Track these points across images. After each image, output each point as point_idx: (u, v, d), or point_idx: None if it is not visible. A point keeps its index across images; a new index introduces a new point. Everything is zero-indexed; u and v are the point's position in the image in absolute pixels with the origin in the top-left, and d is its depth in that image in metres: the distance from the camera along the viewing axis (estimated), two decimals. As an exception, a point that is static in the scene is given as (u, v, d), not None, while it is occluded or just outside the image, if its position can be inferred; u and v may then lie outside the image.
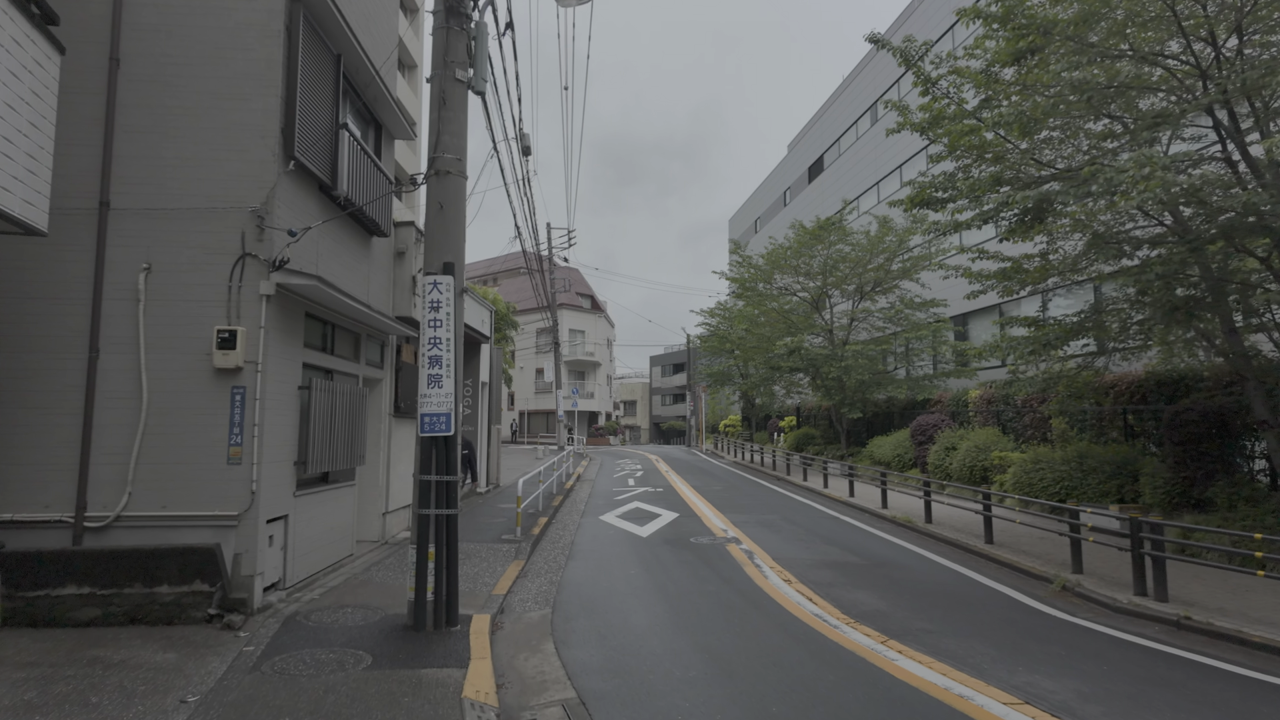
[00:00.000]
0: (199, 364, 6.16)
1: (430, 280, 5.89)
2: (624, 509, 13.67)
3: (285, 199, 6.51)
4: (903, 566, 8.64)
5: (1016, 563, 8.72)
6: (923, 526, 11.40)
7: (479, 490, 15.59)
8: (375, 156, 8.62)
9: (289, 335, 6.71)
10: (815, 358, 21.04)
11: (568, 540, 10.37)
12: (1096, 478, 11.56)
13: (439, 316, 5.87)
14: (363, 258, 8.64)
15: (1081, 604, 7.12)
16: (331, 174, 7.28)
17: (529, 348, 48.48)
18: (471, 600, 6.85)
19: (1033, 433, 15.43)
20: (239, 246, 6.29)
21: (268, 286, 6.25)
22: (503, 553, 9.15)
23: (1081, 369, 11.71)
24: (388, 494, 9.56)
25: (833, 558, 9.05)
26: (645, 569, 8.37)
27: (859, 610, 6.59)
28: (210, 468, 6.09)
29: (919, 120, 11.00)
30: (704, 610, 6.56)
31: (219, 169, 6.36)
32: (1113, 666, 5.21)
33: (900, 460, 18.69)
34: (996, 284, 11.82)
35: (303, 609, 6.29)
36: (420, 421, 5.79)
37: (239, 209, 6.32)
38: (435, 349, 5.84)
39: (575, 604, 6.88)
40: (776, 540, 10.24)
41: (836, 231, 22.41)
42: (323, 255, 7.38)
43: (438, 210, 6.07)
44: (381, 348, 9.61)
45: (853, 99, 34.96)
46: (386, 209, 8.98)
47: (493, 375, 16.86)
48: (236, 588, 5.99)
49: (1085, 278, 11.05)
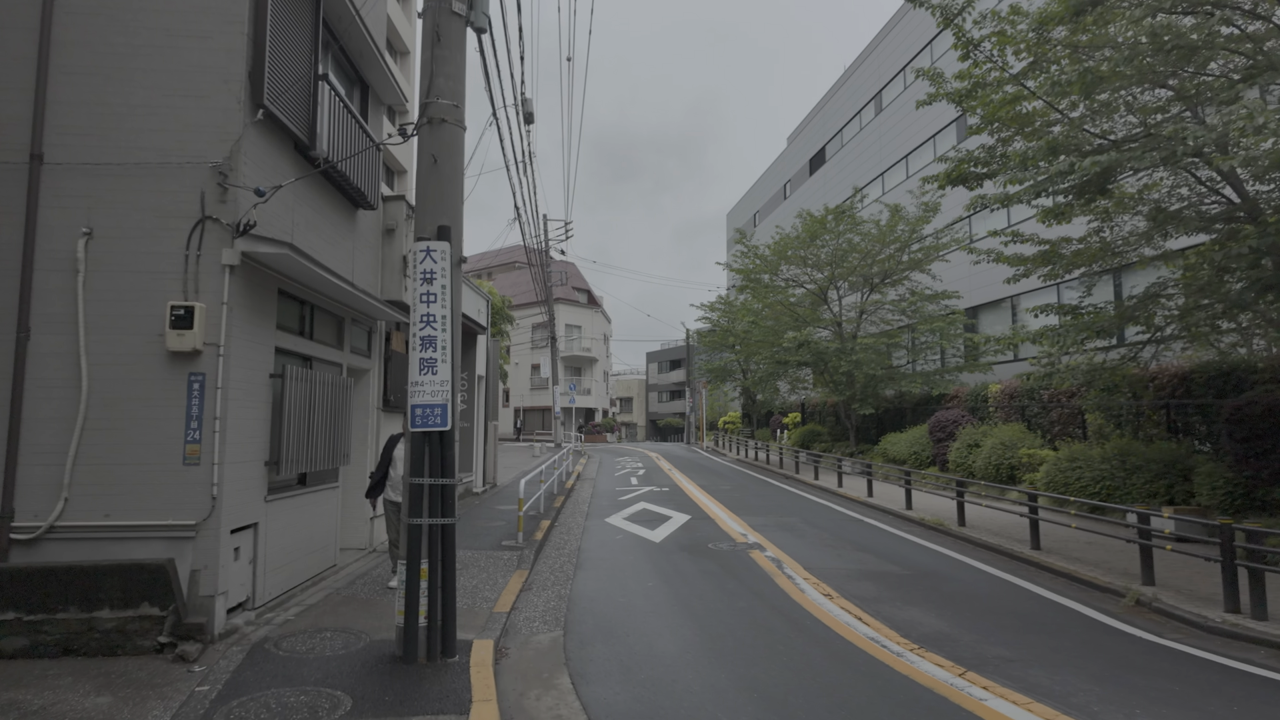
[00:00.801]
0: (150, 347, 5.23)
1: (422, 247, 4.97)
2: (631, 510, 12.78)
3: (253, 155, 5.58)
4: (949, 577, 7.78)
5: (1073, 572, 7.87)
6: (956, 530, 10.56)
7: (475, 491, 14.67)
8: (361, 119, 7.68)
9: (258, 315, 5.78)
10: (824, 351, 20.18)
11: (574, 546, 9.48)
12: (1141, 477, 10.74)
13: (432, 290, 4.95)
14: (346, 232, 7.71)
15: (1164, 622, 6.27)
16: (309, 131, 6.34)
17: (524, 343, 47.53)
18: (470, 619, 5.95)
19: (1060, 429, 14.61)
20: (198, 209, 5.35)
21: (231, 255, 5.32)
22: (504, 561, 8.25)
23: (1124, 359, 10.91)
24: (376, 496, 8.62)
25: (869, 567, 8.19)
26: (664, 580, 7.48)
27: (919, 632, 5.71)
28: (163, 469, 5.16)
29: (954, 90, 10.13)
30: (740, 633, 5.67)
31: (174, 118, 5.42)
32: (1243, 707, 4.35)
33: (917, 458, 17.86)
34: (1033, 268, 11.02)
35: (274, 634, 5.37)
36: (410, 414, 4.88)
37: (198, 165, 5.38)
38: (428, 328, 4.93)
39: (590, 624, 5.99)
40: (802, 546, 9.37)
41: (846, 220, 21.54)
42: (299, 225, 6.44)
43: (431, 165, 5.15)
44: (369, 334, 8.68)
45: (855, 89, 34.12)
46: (374, 179, 8.04)
47: (490, 369, 15.93)
48: (193, 610, 5.06)
49: (1138, 258, 10.23)
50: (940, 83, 10.35)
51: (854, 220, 21.58)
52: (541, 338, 45.04)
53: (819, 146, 38.33)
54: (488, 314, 15.30)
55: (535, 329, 47.36)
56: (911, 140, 28.05)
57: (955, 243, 21.25)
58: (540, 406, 47.48)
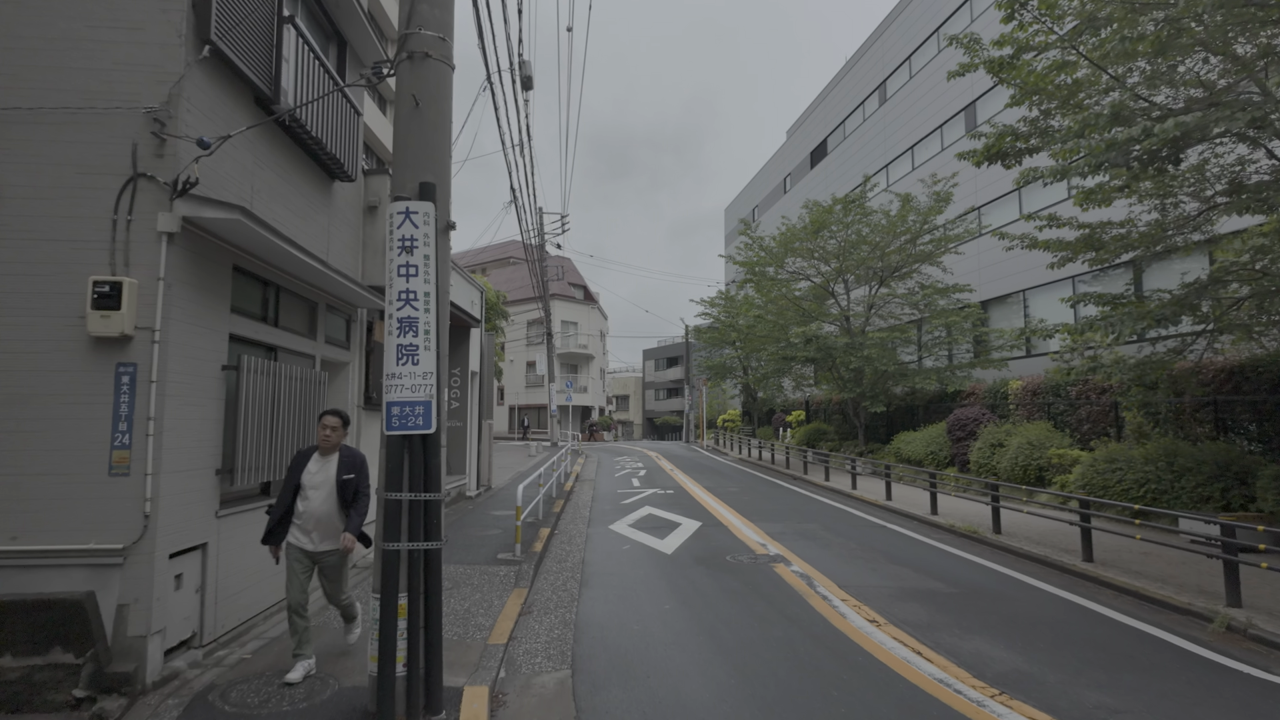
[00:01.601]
0: (68, 332, 4.29)
1: (400, 208, 4.04)
2: (636, 516, 11.88)
3: (199, 102, 4.64)
4: (1003, 596, 6.90)
5: (1141, 589, 7.00)
6: (992, 538, 9.69)
7: (469, 494, 13.73)
8: (336, 76, 6.72)
9: (207, 295, 4.84)
10: (833, 347, 19.29)
11: (577, 558, 8.56)
12: (1192, 479, 9.89)
13: (413, 260, 4.02)
14: (320, 205, 6.77)
15: (1268, 653, 5.40)
16: (271, 81, 5.39)
17: (520, 339, 46.57)
18: (461, 654, 5.04)
19: (1090, 427, 13.76)
20: (128, 164, 4.41)
21: (169, 221, 4.38)
22: (500, 578, 7.33)
23: (1172, 352, 10.06)
24: (356, 505, 7.69)
25: (911, 584, 7.30)
26: (682, 601, 6.58)
27: (994, 671, 4.83)
28: (85, 481, 4.22)
29: (992, 59, 9.24)
30: (782, 673, 4.77)
31: (100, 54, 4.48)
32: None
33: (934, 458, 17.00)
34: (1072, 254, 10.17)
35: (223, 679, 4.45)
36: (386, 413, 3.96)
37: (129, 110, 4.44)
38: (407, 307, 4.00)
39: (602, 660, 5.08)
40: (830, 559, 8.48)
41: (856, 210, 20.66)
42: (260, 193, 5.50)
43: (412, 110, 4.22)
44: (347, 323, 7.74)
45: (858, 80, 33.27)
46: (353, 148, 7.10)
47: (484, 364, 14.99)
48: (119, 655, 4.13)
49: (1184, 242, 9.38)
50: (976, 50, 9.47)
51: (864, 210, 20.71)
52: (537, 334, 44.10)
53: (820, 139, 37.47)
54: (481, 306, 14.36)
55: (530, 325, 46.41)
56: (918, 130, 27.22)
57: (968, 234, 20.43)
58: (536, 405, 46.52)
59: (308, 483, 4.56)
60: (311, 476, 4.57)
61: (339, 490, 4.57)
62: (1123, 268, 15.88)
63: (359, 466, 4.68)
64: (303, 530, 4.58)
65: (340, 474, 4.60)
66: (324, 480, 4.57)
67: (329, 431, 4.63)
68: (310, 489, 4.56)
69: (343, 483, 4.58)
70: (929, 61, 26.51)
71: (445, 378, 4.23)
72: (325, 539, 4.60)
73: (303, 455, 4.68)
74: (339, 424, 4.68)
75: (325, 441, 4.63)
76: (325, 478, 4.57)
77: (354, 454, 4.72)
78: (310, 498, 4.55)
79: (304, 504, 4.55)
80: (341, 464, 4.64)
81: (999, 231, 11.20)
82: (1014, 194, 20.89)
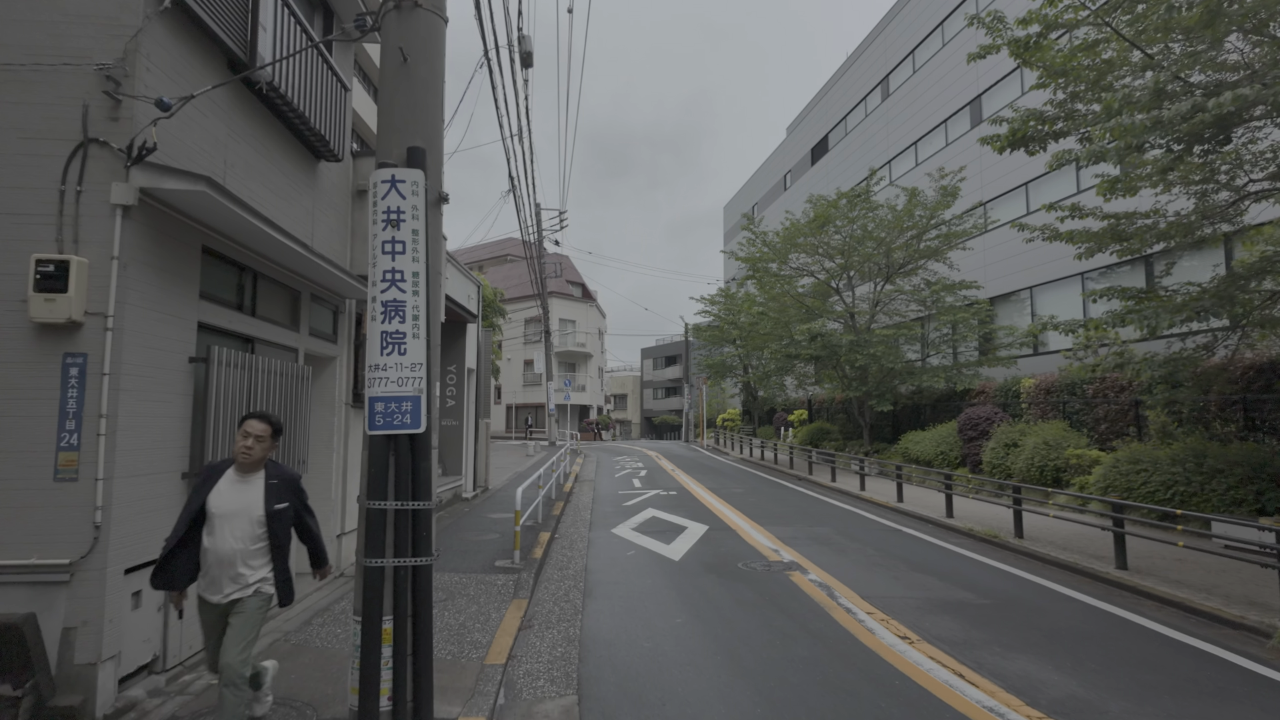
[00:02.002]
0: (8, 318, 3.79)
1: (385, 176, 3.54)
2: (639, 519, 11.39)
3: (160, 59, 4.13)
4: (1039, 608, 6.43)
5: (1186, 600, 6.52)
6: (1014, 543, 9.22)
7: (465, 496, 13.23)
8: (322, 47, 6.21)
9: (171, 278, 4.34)
10: (838, 345, 18.81)
11: (579, 565, 8.07)
12: (1223, 482, 9.43)
13: (399, 236, 3.53)
14: (304, 187, 6.26)
15: (1340, 674, 4.94)
16: (244, 43, 4.89)
17: (517, 337, 46.05)
18: (456, 677, 4.55)
19: (1108, 427, 13.31)
20: (78, 129, 3.90)
21: (124, 193, 3.88)
22: (498, 588, 6.84)
23: (1202, 348, 9.61)
24: (344, 510, 7.20)
25: (938, 594, 6.82)
26: (695, 615, 6.09)
27: (1047, 697, 4.35)
28: (24, 487, 3.72)
29: (1016, 38, 8.77)
30: (813, 701, 4.29)
31: (47, 3, 3.97)
32: None
33: (945, 458, 16.53)
34: (1096, 246, 9.70)
35: (186, 710, 3.95)
36: (369, 410, 3.45)
37: (79, 68, 3.94)
38: (393, 289, 3.50)
39: (611, 683, 4.59)
40: (849, 566, 8.00)
41: (862, 204, 20.19)
42: (234, 168, 5.00)
43: (399, 66, 3.72)
44: (335, 315, 7.23)
45: (860, 75, 32.82)
46: (340, 125, 6.60)
47: (480, 361, 14.48)
48: (65, 686, 3.63)
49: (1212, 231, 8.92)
50: (999, 30, 8.99)
51: (870, 204, 20.24)
52: (534, 332, 43.61)
53: (822, 135, 37.03)
54: (478, 301, 13.85)
55: (528, 323, 45.90)
56: (921, 126, 26.78)
57: (976, 229, 19.98)
58: (533, 403, 46.02)
59: (216, 509, 3.37)
60: (221, 502, 3.39)
61: (268, 523, 3.43)
62: (1128, 266, 15.50)
63: (294, 490, 3.57)
64: (206, 576, 3.40)
65: (269, 503, 3.44)
66: (241, 509, 3.40)
67: (251, 442, 3.44)
68: (219, 519, 3.36)
69: (273, 515, 3.44)
70: (933, 55, 26.09)
71: (437, 371, 3.74)
72: (237, 584, 3.39)
73: (212, 471, 3.47)
74: (267, 432, 3.50)
75: (245, 456, 3.43)
76: (243, 505, 3.40)
77: (285, 474, 3.57)
78: (218, 531, 3.35)
79: (209, 539, 3.36)
80: (270, 489, 3.47)
81: (1018, 223, 10.73)
82: (1020, 189, 20.48)
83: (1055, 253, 17.60)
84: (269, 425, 3.52)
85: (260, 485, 3.48)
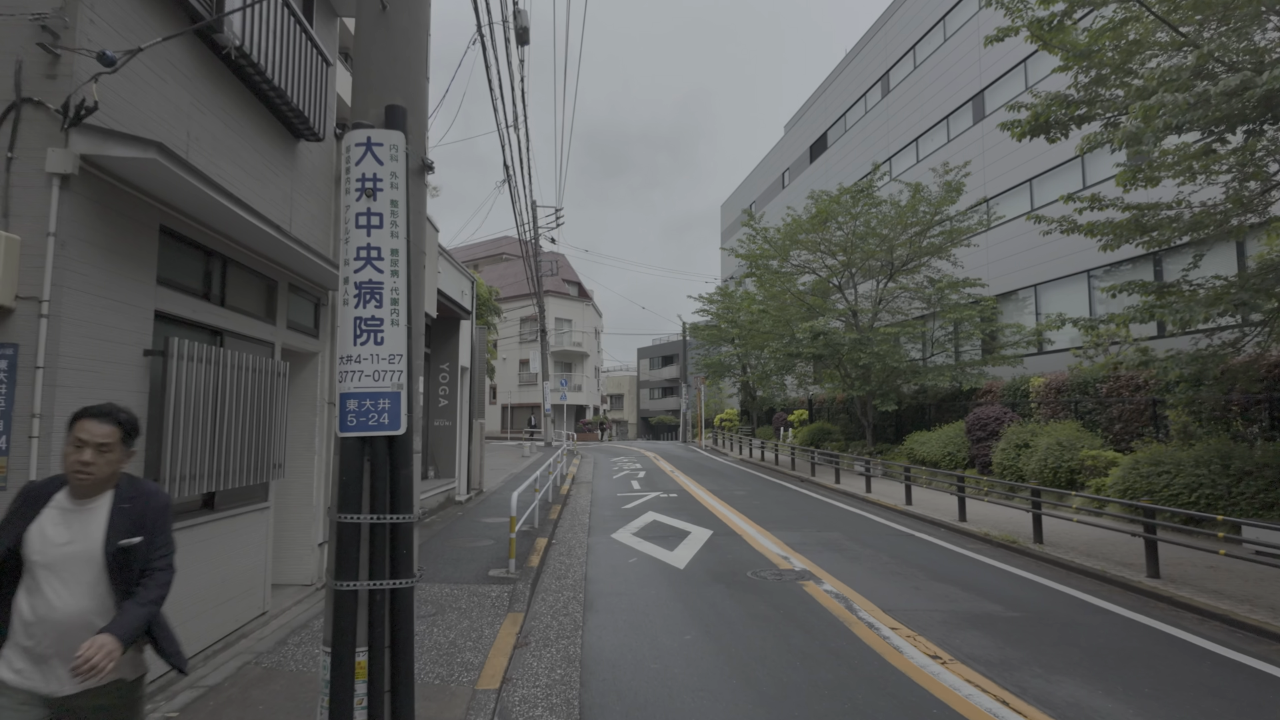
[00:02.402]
0: (-73, 302, 3.30)
1: (360, 138, 3.06)
2: (639, 523, 10.93)
3: (107, 10, 3.65)
4: (1072, 622, 5.98)
5: (1229, 613, 6.08)
6: (1034, 549, 8.79)
7: (458, 499, 12.74)
8: (302, 18, 5.72)
9: (122, 260, 3.85)
10: (841, 343, 18.38)
11: (578, 574, 7.61)
12: (1253, 484, 9.02)
13: (376, 207, 3.05)
14: (282, 167, 5.77)
15: None
16: (208, 1, 4.41)
17: (513, 336, 45.53)
18: (444, 706, 4.08)
19: (1123, 427, 12.90)
20: (9, 87, 3.42)
21: (62, 160, 3.39)
22: (492, 600, 6.37)
23: (1228, 345, 9.19)
24: (325, 516, 6.71)
25: (963, 606, 6.37)
26: (705, 631, 5.62)
27: (1105, 729, 3.90)
28: (-54, 496, 3.23)
29: (1036, 19, 8.36)
30: (845, 733, 3.83)
31: (-26, -54, 3.49)
32: None
33: (952, 459, 16.11)
34: (1118, 238, 9.27)
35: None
36: (340, 409, 2.98)
37: (10, 18, 3.45)
38: (369, 269, 3.02)
39: (616, 713, 4.12)
40: (864, 575, 7.55)
41: (865, 200, 19.77)
42: (200, 140, 4.52)
43: (378, 14, 3.24)
44: (316, 307, 6.74)
45: (859, 71, 32.46)
46: (320, 101, 6.11)
47: (475, 359, 14.00)
48: (-12, 727, 3.13)
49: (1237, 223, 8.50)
50: (1018, 11, 8.56)
51: (873, 200, 19.82)
52: (530, 331, 43.11)
53: (820, 132, 36.66)
54: (472, 297, 13.36)
55: (524, 322, 45.40)
56: (923, 122, 26.41)
57: (981, 225, 19.58)
58: (529, 404, 45.50)
59: (40, 556, 2.13)
60: (48, 544, 2.15)
61: (110, 570, 2.18)
62: (1130, 264, 15.11)
63: (153, 519, 2.28)
64: (28, 653, 2.12)
65: (111, 537, 2.19)
66: (79, 551, 2.16)
67: (89, 454, 2.18)
68: (43, 569, 2.13)
69: (116, 556, 2.19)
70: (935, 50, 25.72)
71: (420, 363, 3.27)
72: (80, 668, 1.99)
73: (33, 496, 2.22)
74: (114, 437, 2.23)
75: (82, 476, 2.18)
76: (84, 546, 2.17)
77: (144, 493, 2.32)
78: (46, 587, 2.12)
79: (30, 600, 2.12)
80: (118, 515, 2.23)
81: (1034, 215, 10.29)
82: (1024, 185, 20.13)
83: (1059, 250, 17.23)
84: (116, 427, 2.24)
85: (104, 513, 2.22)
